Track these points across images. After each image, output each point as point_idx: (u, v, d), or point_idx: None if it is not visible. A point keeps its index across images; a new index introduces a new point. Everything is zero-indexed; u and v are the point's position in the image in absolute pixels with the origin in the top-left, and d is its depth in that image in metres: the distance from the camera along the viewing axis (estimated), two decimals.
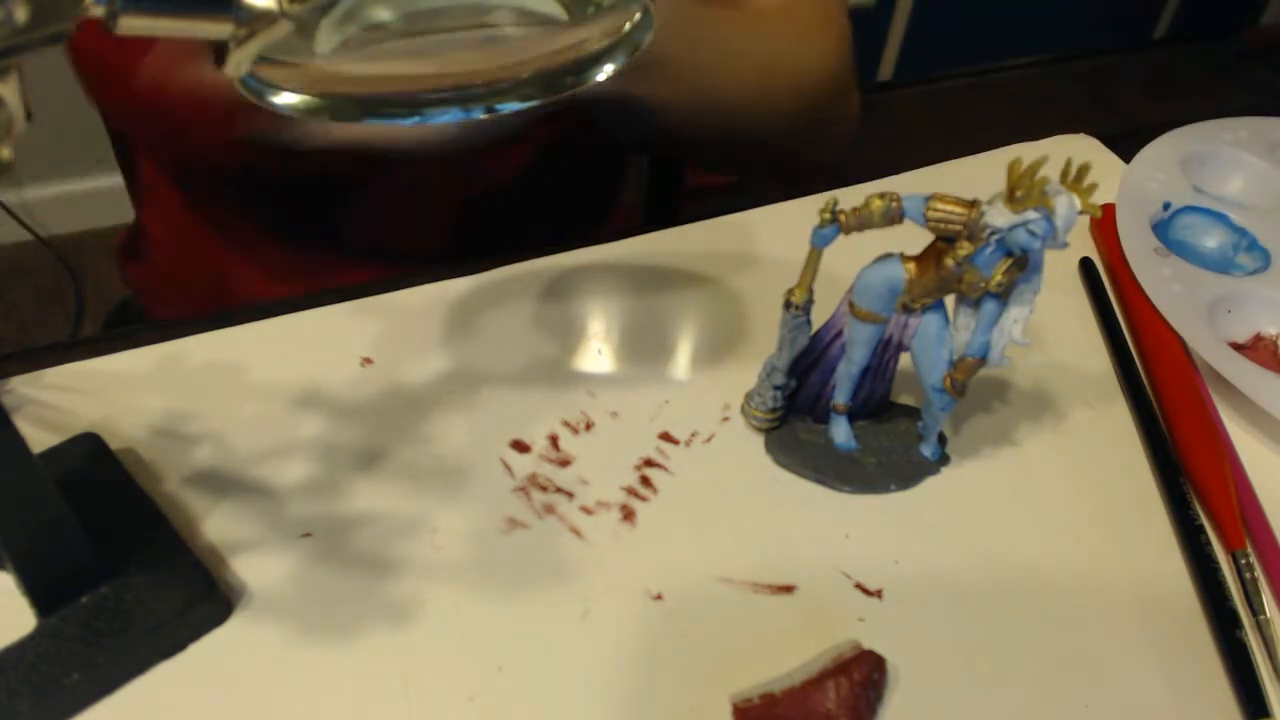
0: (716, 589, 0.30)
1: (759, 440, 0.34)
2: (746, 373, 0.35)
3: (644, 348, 0.37)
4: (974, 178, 0.45)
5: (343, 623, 0.29)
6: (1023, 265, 0.28)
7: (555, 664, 0.28)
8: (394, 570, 0.30)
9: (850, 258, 0.32)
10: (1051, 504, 0.32)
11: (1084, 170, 0.27)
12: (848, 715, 0.26)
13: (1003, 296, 0.29)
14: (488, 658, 0.28)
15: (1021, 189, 0.27)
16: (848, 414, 0.34)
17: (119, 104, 0.47)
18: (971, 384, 0.31)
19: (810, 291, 0.31)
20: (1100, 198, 0.42)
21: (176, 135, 0.47)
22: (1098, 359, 0.37)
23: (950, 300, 0.30)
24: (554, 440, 0.34)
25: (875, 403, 0.34)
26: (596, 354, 0.37)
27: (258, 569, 0.30)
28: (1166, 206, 0.44)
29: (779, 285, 0.31)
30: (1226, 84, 2.05)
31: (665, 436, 0.34)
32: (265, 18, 0.19)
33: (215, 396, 0.35)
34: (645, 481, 0.33)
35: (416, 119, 0.22)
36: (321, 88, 0.23)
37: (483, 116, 0.23)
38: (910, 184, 0.47)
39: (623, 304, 0.38)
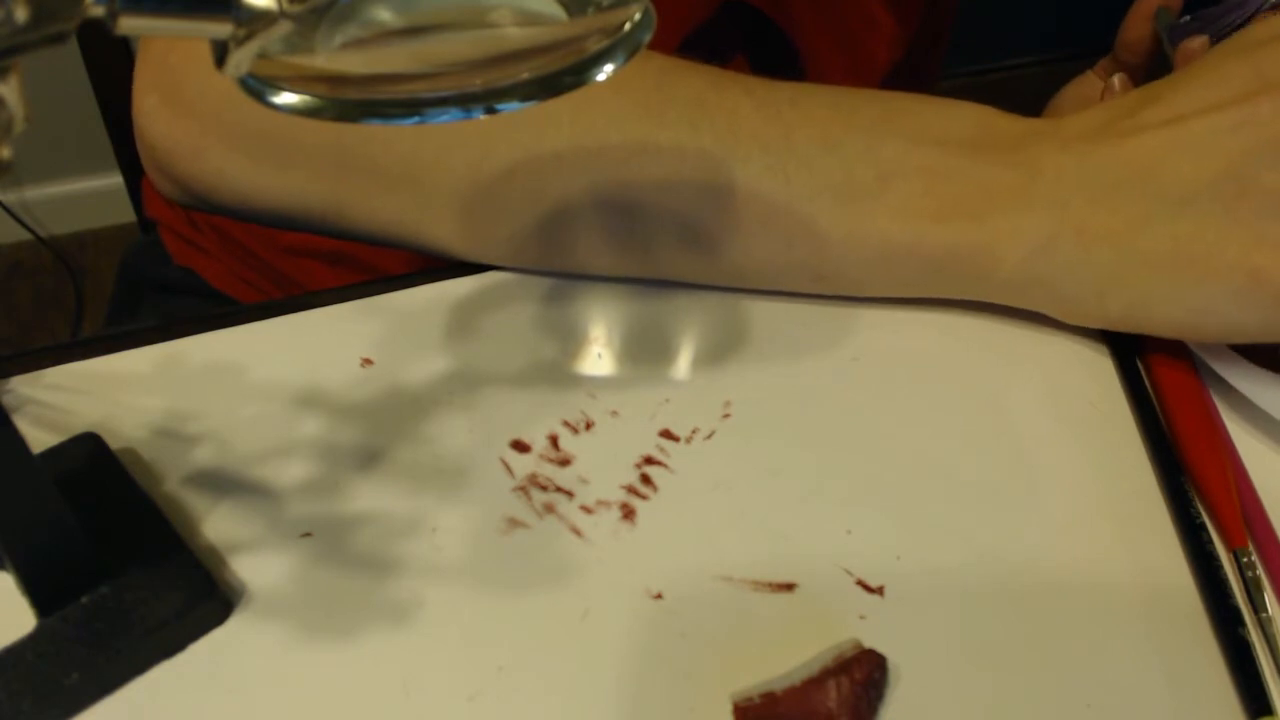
0: (717, 587, 0.30)
1: (760, 436, 0.34)
2: (747, 369, 0.35)
3: (644, 346, 0.37)
4: None
5: (343, 623, 0.29)
6: None
7: (555, 664, 0.28)
8: (394, 570, 0.30)
9: None
10: (1053, 502, 0.32)
11: None
12: (849, 714, 0.26)
13: None
14: (488, 658, 0.28)
15: None
16: None
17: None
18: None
19: None
20: None
21: None
22: (1099, 357, 0.37)
23: None
24: (554, 440, 0.34)
25: None
26: (596, 353, 0.37)
27: (258, 569, 0.30)
28: None
29: None
30: None
31: (666, 434, 0.34)
32: (265, 18, 0.19)
33: (215, 396, 0.35)
34: (646, 480, 0.32)
35: (416, 119, 0.22)
36: (321, 88, 0.23)
37: (482, 116, 0.23)
38: None
39: (623, 302, 0.38)
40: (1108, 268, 0.33)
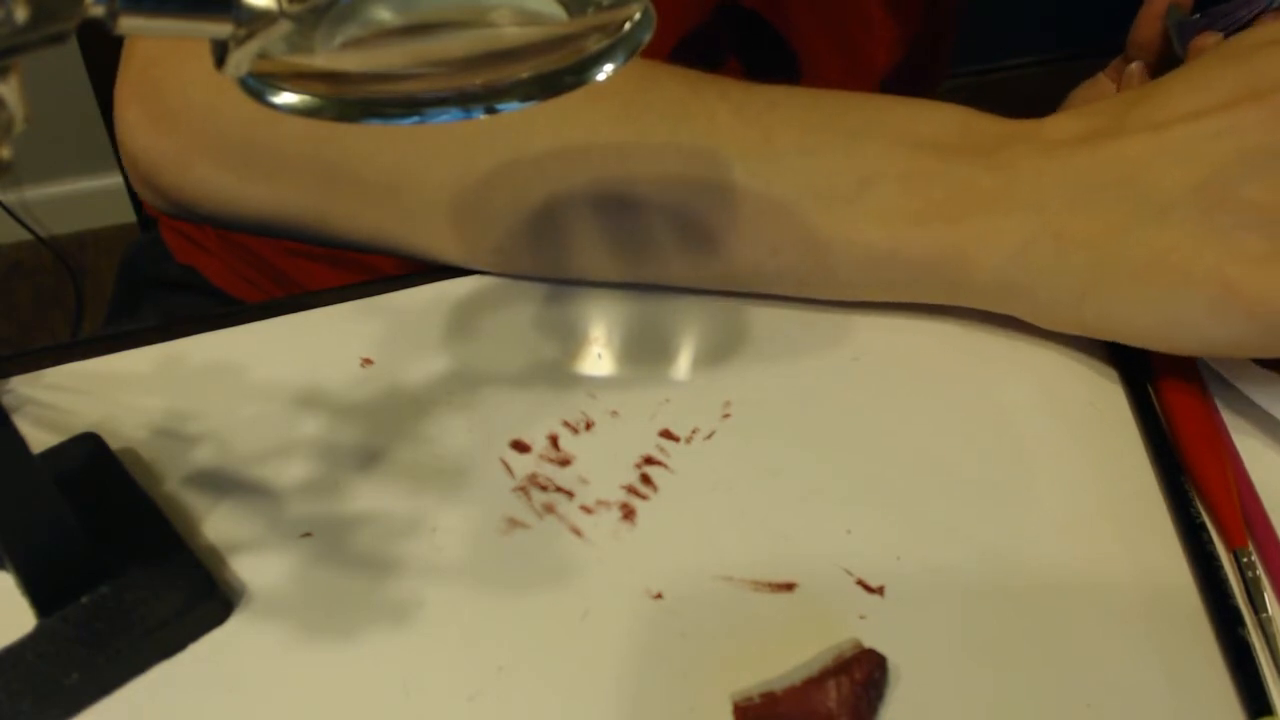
0: (717, 587, 0.30)
1: (760, 436, 0.34)
2: (747, 369, 0.35)
3: (644, 346, 0.37)
4: None
5: (343, 623, 0.29)
6: None
7: (555, 664, 0.28)
8: (394, 570, 0.30)
9: None
10: (1053, 502, 0.32)
11: None
12: (849, 714, 0.26)
13: None
14: (488, 658, 0.28)
15: None
16: None
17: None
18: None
19: None
20: None
21: None
22: (1099, 357, 0.37)
23: None
24: (554, 440, 0.34)
25: None
26: (596, 353, 0.37)
27: (258, 569, 0.30)
28: None
29: None
30: None
31: (666, 434, 0.34)
32: (265, 18, 0.19)
33: (215, 396, 0.35)
34: (646, 480, 0.32)
35: (416, 118, 0.22)
36: (321, 88, 0.23)
37: (482, 116, 0.23)
38: None
39: (623, 302, 0.38)
40: (1085, 273, 0.32)
